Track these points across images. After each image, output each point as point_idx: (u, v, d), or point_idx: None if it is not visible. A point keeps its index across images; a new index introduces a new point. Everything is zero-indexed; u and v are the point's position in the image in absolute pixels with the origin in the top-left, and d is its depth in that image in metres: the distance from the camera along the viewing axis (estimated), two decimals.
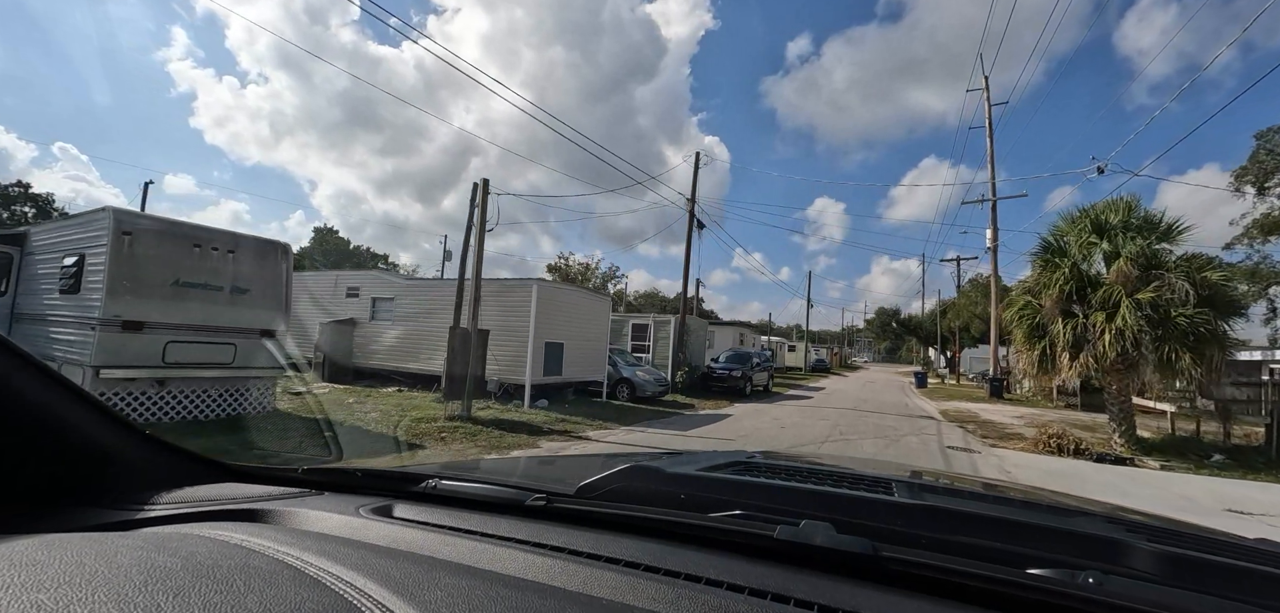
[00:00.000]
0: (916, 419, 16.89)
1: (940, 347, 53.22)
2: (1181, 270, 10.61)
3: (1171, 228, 11.37)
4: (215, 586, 0.65)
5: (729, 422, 14.08)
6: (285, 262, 10.06)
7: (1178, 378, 10.44)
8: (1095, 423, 16.91)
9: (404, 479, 1.32)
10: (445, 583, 0.74)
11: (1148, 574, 0.89)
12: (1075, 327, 11.08)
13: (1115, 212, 11.79)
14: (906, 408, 20.29)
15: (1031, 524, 1.18)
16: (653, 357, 19.93)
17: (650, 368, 18.10)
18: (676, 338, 19.49)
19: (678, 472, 1.43)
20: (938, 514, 1.23)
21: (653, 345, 20.04)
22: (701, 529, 0.98)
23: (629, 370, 16.83)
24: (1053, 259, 12.13)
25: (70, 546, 0.71)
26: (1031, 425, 15.54)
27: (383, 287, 16.72)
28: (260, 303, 9.62)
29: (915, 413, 18.86)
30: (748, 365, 20.61)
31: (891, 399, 23.81)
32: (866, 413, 17.82)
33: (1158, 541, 1.03)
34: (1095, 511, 1.41)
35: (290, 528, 1.01)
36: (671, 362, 19.32)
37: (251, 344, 9.48)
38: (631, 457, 1.66)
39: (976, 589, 0.80)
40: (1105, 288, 10.90)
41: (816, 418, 15.80)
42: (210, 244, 9.08)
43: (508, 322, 13.63)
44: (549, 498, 1.13)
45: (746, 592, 0.79)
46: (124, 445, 1.12)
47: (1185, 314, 10.08)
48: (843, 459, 2.78)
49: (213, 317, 9.03)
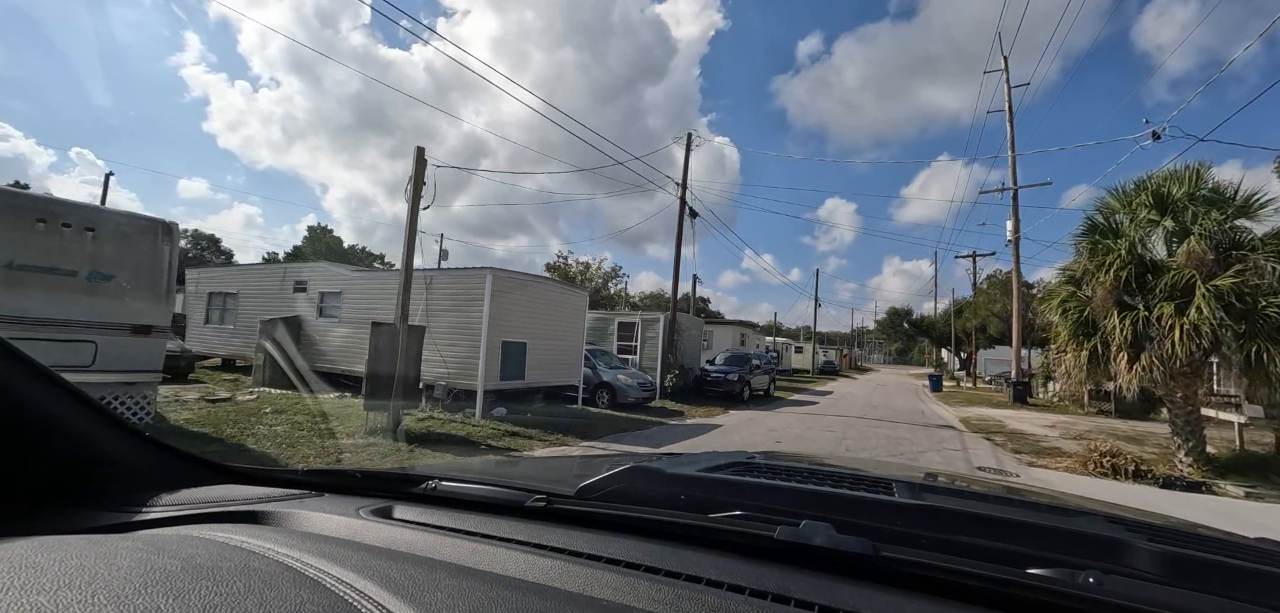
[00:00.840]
0: (935, 430, 14.90)
1: (954, 348, 50.83)
2: (1272, 251, 8.57)
3: (1250, 201, 9.29)
4: (215, 588, 0.64)
5: (717, 434, 12.18)
6: (168, 244, 8.29)
7: (1271, 384, 8.36)
8: (1137, 433, 14.87)
9: (404, 480, 1.31)
10: (445, 584, 0.74)
11: (1149, 574, 0.90)
12: (1134, 321, 9.05)
13: (1179, 183, 9.73)
14: (922, 416, 18.29)
15: (1032, 524, 1.19)
16: (640, 359, 18.06)
17: (635, 371, 16.22)
18: (666, 338, 17.61)
19: (678, 473, 1.44)
20: (938, 514, 1.23)
21: (640, 346, 18.16)
22: (701, 530, 0.98)
23: (609, 374, 14.97)
24: (1103, 240, 10.11)
25: (69, 548, 0.71)
26: (1069, 437, 13.53)
27: (331, 280, 14.96)
28: (131, 292, 7.85)
29: (933, 422, 16.90)
30: (745, 368, 18.66)
31: (905, 405, 21.77)
32: (877, 422, 15.83)
33: (1159, 540, 1.06)
34: (1096, 510, 1.40)
35: (290, 530, 1.00)
36: (660, 364, 17.43)
37: (120, 342, 7.72)
38: (632, 457, 1.66)
39: (977, 589, 0.80)
40: (1173, 273, 8.88)
41: (819, 428, 13.85)
42: (59, 219, 7.33)
43: (462, 317, 11.82)
44: (549, 499, 1.13)
45: (747, 592, 0.78)
46: (123, 447, 1.12)
47: (1278, 305, 8.07)
48: (842, 459, 2.44)
49: (62, 308, 7.28)
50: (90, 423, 1.04)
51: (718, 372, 18.17)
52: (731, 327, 28.16)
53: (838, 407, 19.67)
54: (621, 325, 18.80)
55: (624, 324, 18.77)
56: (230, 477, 1.28)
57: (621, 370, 15.53)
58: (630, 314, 19.22)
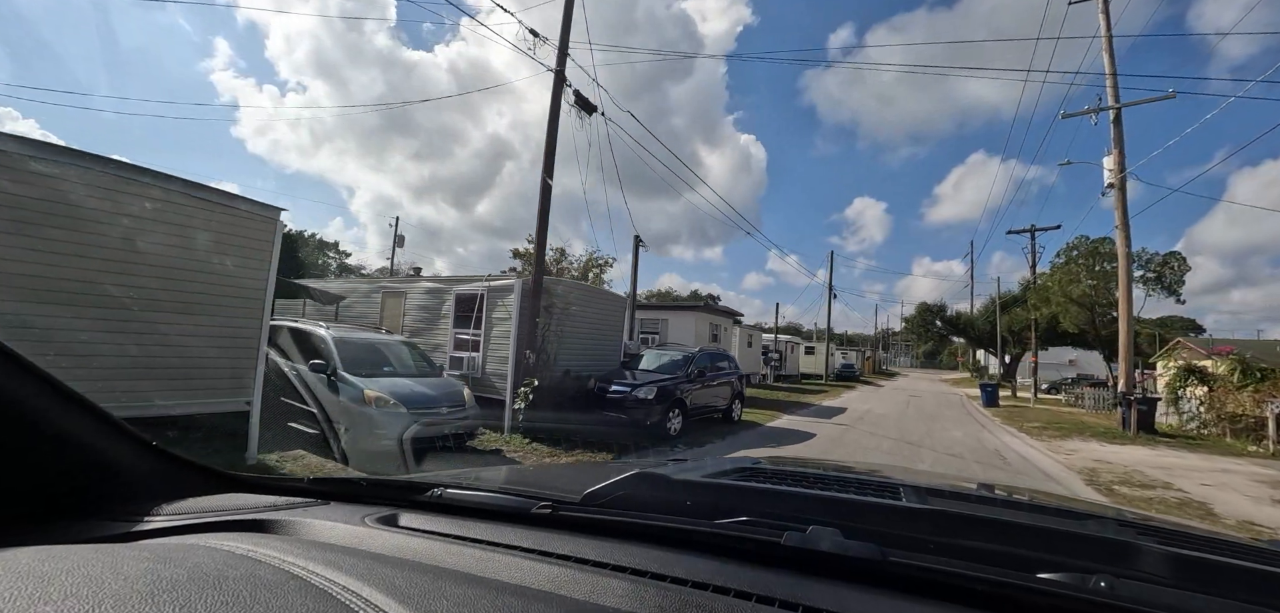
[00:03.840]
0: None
1: (1000, 349, 41.69)
2: None
3: None
4: (221, 597, 0.64)
5: None
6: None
7: None
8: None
9: (409, 488, 1.31)
10: (452, 592, 0.74)
11: (1160, 578, 0.88)
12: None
13: None
14: (1001, 462, 10.10)
15: (1041, 528, 1.17)
16: (484, 355, 10.14)
17: (444, 381, 8.24)
18: (520, 321, 9.62)
19: (683, 478, 1.41)
20: (946, 519, 1.19)
21: (486, 334, 10.22)
22: (708, 536, 0.97)
23: (348, 397, 7.09)
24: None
25: (76, 557, 0.70)
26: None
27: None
28: None
29: (1016, 467, 8.89)
30: (683, 379, 10.59)
31: (960, 436, 13.47)
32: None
33: (1170, 543, 1.04)
34: (1106, 514, 1.43)
35: (296, 538, 1.00)
36: (512, 366, 9.43)
37: None
38: (638, 465, 1.57)
39: (987, 594, 0.79)
40: None
41: None
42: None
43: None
44: (555, 506, 1.11)
45: (754, 599, 0.78)
46: (129, 456, 1.10)
47: None
48: (849, 464, 2.28)
49: None
50: (97, 432, 1.03)
51: (622, 386, 9.99)
52: (694, 313, 19.46)
53: (850, 440, 11.53)
54: (460, 300, 10.79)
55: (464, 298, 10.75)
56: (236, 485, 1.27)
57: (419, 380, 7.67)
58: (474, 281, 11.10)
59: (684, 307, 19.43)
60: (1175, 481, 8.86)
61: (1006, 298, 43.42)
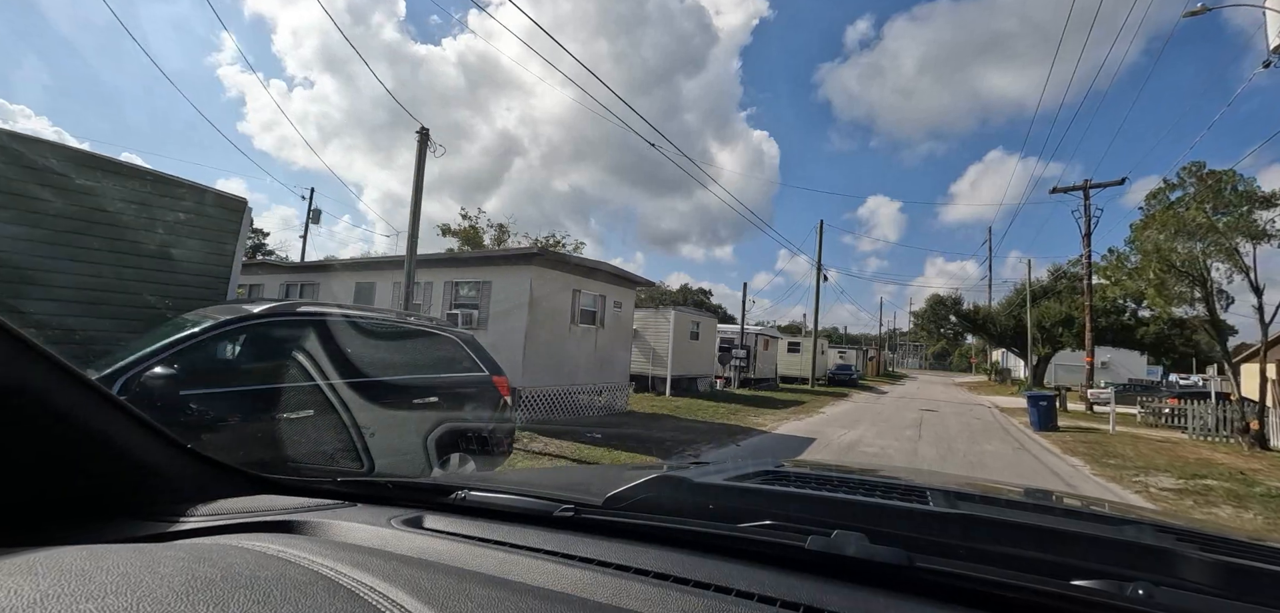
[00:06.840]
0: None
1: (1029, 349, 33.94)
2: None
3: None
4: (254, 596, 0.66)
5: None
6: None
7: None
8: None
9: (434, 491, 1.33)
10: (476, 594, 0.75)
11: (1201, 585, 0.86)
12: None
13: None
14: None
15: (1076, 533, 1.13)
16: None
17: None
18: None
19: (706, 482, 1.41)
20: (976, 523, 1.16)
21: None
22: (731, 540, 0.97)
23: None
24: None
25: (116, 556, 0.72)
26: None
27: None
28: None
29: None
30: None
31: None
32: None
33: (1213, 550, 1.00)
34: (1144, 518, 1.36)
35: (324, 539, 1.02)
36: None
37: None
38: (658, 466, 1.66)
39: (1018, 601, 0.77)
40: None
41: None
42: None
43: None
44: (577, 509, 1.12)
45: (778, 604, 0.78)
46: (165, 458, 1.13)
47: None
48: (874, 467, 2.34)
49: None
50: (134, 434, 1.05)
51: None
52: (532, 269, 11.16)
53: None
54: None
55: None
56: (266, 487, 1.29)
57: None
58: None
59: (514, 258, 11.88)
60: None
61: (1035, 287, 35.78)
